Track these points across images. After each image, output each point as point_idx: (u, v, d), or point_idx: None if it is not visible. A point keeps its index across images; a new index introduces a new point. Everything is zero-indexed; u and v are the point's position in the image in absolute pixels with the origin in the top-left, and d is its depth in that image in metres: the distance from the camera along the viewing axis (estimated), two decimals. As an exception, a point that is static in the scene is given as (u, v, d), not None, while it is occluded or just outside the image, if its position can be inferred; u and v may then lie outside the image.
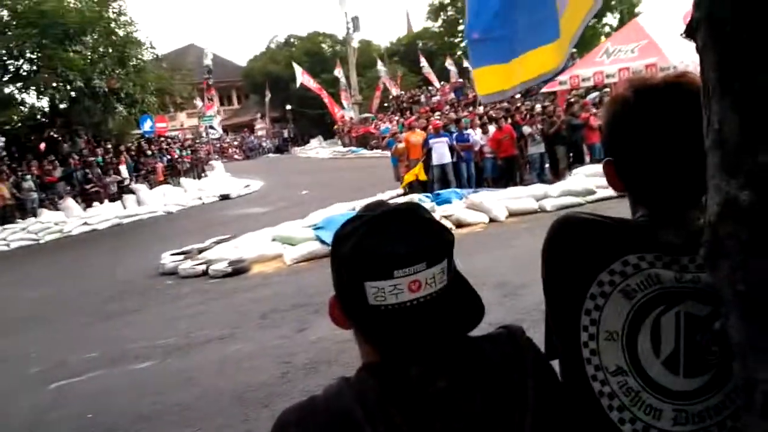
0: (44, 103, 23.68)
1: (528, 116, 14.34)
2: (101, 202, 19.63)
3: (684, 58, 15.40)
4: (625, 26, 19.45)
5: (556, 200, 10.60)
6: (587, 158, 14.03)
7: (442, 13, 47.43)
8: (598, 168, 11.40)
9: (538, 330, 4.40)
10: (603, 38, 31.77)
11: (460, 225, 10.27)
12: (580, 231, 1.11)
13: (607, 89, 16.97)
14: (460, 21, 46.82)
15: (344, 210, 12.32)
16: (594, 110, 14.10)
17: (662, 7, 15.84)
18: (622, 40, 16.53)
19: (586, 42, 30.41)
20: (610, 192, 10.73)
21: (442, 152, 14.02)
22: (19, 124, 24.45)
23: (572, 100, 15.08)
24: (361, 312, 0.93)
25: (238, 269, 9.39)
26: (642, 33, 15.69)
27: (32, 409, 5.20)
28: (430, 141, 14.24)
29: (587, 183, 10.84)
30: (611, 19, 39.45)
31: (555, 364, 1.11)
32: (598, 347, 1.04)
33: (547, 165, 14.29)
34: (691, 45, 0.84)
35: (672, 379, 1.01)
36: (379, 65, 41.22)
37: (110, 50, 21.83)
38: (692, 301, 1.02)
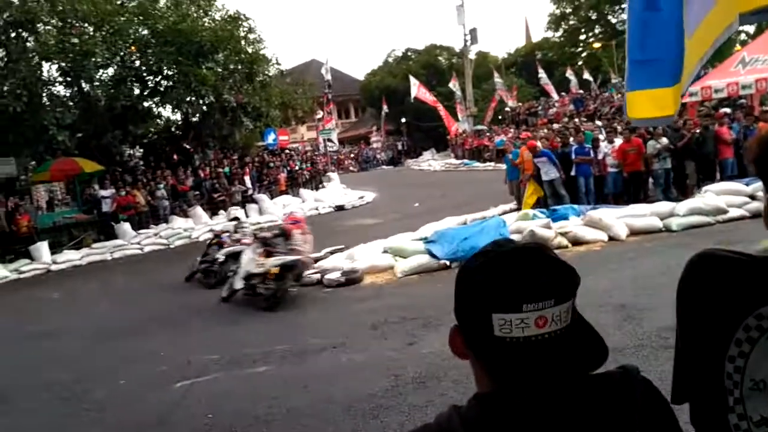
0: (178, 116, 25.47)
1: (653, 129, 13.62)
2: (226, 210, 20.69)
3: (832, 67, 14.16)
4: (763, 34, 18.12)
5: (683, 219, 9.98)
6: (718, 175, 13.11)
7: (563, 23, 46.34)
8: (730, 185, 10.71)
9: (659, 357, 4.19)
10: (738, 47, 29.76)
11: (577, 242, 9.93)
12: (723, 270, 1.04)
13: (743, 100, 15.86)
14: (582, 30, 45.57)
15: (455, 224, 12.29)
16: (728, 123, 13.20)
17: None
18: (760, 49, 15.41)
19: (719, 51, 28.57)
20: (743, 212, 10.04)
21: (546, 169, 13.68)
22: (155, 136, 26.41)
23: (704, 112, 14.17)
24: (485, 342, 0.96)
25: (351, 279, 9.59)
26: (786, 40, 14.58)
27: (159, 406, 5.56)
28: (534, 161, 13.90)
29: (718, 201, 10.14)
30: (747, 26, 36.89)
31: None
32: (743, 396, 0.97)
33: (672, 181, 13.50)
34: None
35: None
36: (496, 77, 40.83)
37: (239, 67, 23.05)
38: None
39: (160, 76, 22.96)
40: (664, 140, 13.06)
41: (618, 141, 13.92)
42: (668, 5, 2.23)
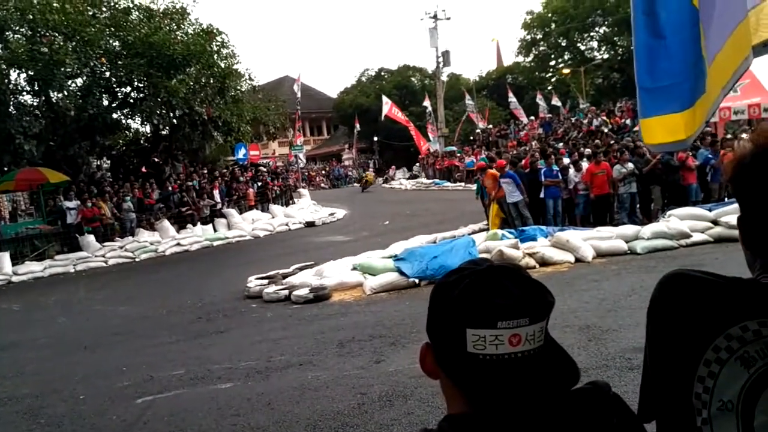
0: (147, 128, 25.18)
1: (619, 154, 13.92)
2: (194, 224, 20.48)
3: (791, 98, 14.68)
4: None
5: (648, 242, 10.17)
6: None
7: (533, 49, 47.20)
8: (694, 211, 10.95)
9: (623, 378, 4.26)
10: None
11: (544, 263, 10.04)
12: (695, 290, 1.05)
13: (708, 128, 16.32)
14: (552, 56, 46.46)
15: (425, 242, 12.34)
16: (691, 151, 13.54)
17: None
18: (723, 79, 15.90)
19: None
20: (706, 237, 10.28)
21: (510, 191, 13.85)
22: (124, 148, 26.06)
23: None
24: (457, 359, 0.95)
25: (319, 296, 9.54)
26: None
27: (120, 422, 5.42)
28: (501, 181, 14.07)
29: (682, 226, 10.35)
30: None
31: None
32: (710, 416, 0.98)
33: (638, 205, 13.78)
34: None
35: None
36: (467, 99, 41.33)
37: (211, 81, 22.94)
38: None
39: (130, 88, 22.74)
40: (630, 165, 13.34)
41: (585, 165, 14.18)
42: (671, 33, 2.29)
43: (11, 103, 19.70)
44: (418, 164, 41.99)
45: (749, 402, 0.97)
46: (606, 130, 24.18)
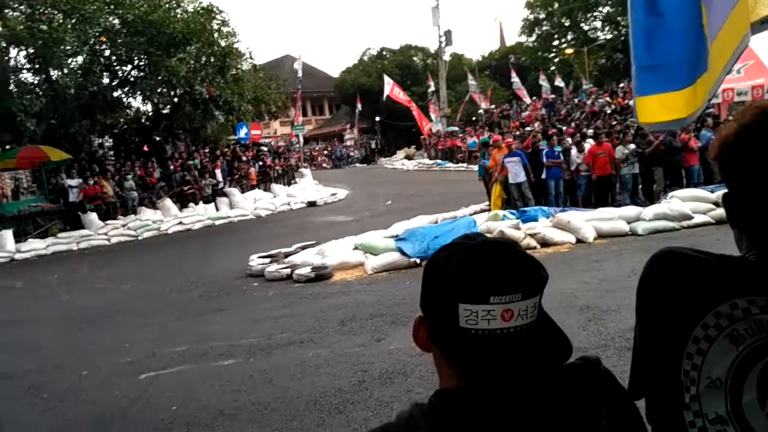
0: (149, 107, 25.09)
1: (622, 135, 13.86)
2: (196, 203, 20.48)
3: (796, 79, 14.59)
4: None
5: (649, 224, 10.17)
6: (684, 181, 13.41)
7: (536, 29, 46.78)
8: (696, 192, 10.94)
9: (622, 358, 4.28)
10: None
11: (545, 244, 10.04)
12: (684, 268, 1.05)
13: (711, 109, 16.25)
14: (555, 36, 46.07)
15: (426, 222, 12.35)
16: (693, 131, 13.49)
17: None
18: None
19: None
20: (707, 218, 10.26)
21: (515, 171, 13.81)
22: (125, 126, 25.99)
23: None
24: (450, 334, 0.95)
25: (320, 275, 9.57)
26: (749, 52, 14.94)
27: (123, 397, 5.48)
28: (505, 160, 14.04)
29: (683, 207, 10.35)
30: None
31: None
32: (699, 393, 0.99)
33: (640, 186, 13.76)
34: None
35: None
36: (470, 79, 41.05)
37: (212, 59, 22.80)
38: None
39: (130, 66, 22.62)
40: (632, 146, 13.30)
41: (587, 146, 14.12)
42: (669, 11, 2.27)
43: (11, 81, 19.61)
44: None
45: (738, 379, 0.97)
46: (609, 111, 24.08)
